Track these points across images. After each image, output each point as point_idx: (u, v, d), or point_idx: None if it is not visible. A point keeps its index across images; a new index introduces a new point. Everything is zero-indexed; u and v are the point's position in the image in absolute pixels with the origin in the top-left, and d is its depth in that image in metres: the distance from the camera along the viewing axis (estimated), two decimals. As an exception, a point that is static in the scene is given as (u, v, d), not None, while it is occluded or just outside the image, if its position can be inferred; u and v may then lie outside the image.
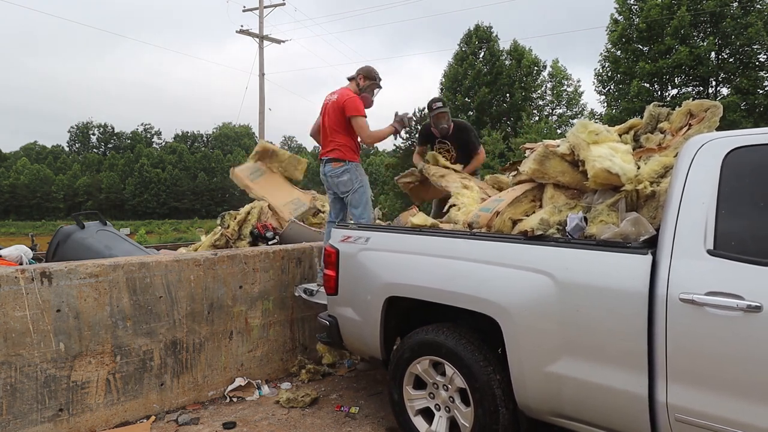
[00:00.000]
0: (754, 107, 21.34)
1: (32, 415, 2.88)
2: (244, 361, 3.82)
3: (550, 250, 2.35)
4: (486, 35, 32.53)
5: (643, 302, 2.03)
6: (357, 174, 4.18)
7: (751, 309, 1.82)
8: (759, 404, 1.81)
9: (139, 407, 3.29)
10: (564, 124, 31.17)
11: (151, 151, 74.30)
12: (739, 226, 1.99)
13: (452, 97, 31.09)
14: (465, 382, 2.58)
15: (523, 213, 2.92)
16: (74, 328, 3.03)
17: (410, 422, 2.86)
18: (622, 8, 23.98)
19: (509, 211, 2.92)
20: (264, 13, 23.30)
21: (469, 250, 2.65)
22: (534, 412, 2.43)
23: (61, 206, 64.86)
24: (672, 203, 2.12)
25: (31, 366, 2.88)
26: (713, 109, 2.72)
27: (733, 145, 2.06)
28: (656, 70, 22.39)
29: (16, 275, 2.86)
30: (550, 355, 2.28)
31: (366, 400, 3.65)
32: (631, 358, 2.07)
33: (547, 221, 2.49)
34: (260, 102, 23.21)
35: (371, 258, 3.08)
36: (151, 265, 3.36)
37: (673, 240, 2.05)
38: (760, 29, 20.27)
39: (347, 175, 4.15)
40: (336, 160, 4.18)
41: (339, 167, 4.16)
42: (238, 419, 3.33)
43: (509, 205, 2.93)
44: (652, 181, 2.46)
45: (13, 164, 69.20)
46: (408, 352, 2.84)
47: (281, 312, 4.06)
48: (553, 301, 2.26)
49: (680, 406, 1.97)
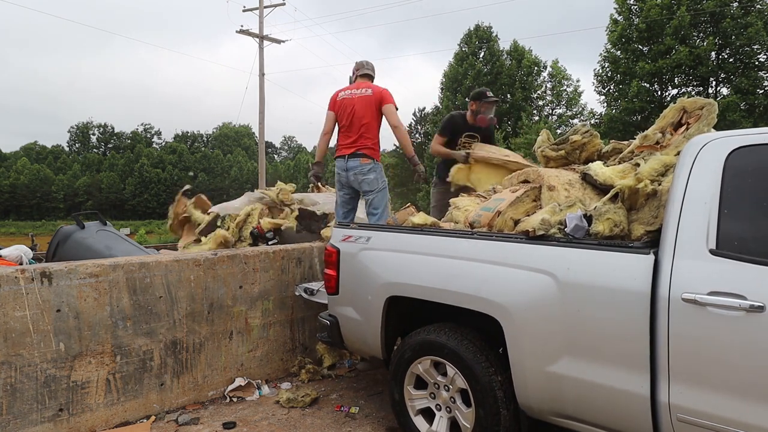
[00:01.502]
0: (754, 107, 21.36)
1: (32, 415, 2.88)
2: (244, 361, 3.82)
3: (551, 250, 2.35)
4: (486, 35, 32.56)
5: (645, 302, 2.02)
6: (382, 174, 4.18)
7: (753, 309, 1.82)
8: (761, 404, 1.81)
9: (139, 407, 3.28)
10: (564, 124, 31.18)
11: (151, 151, 74.23)
12: (742, 226, 1.98)
13: (452, 97, 31.14)
14: (466, 382, 2.57)
15: (525, 213, 2.92)
16: (74, 328, 3.03)
17: (411, 422, 2.86)
18: (622, 8, 23.99)
19: (510, 211, 2.91)
20: (264, 13, 23.30)
21: (470, 249, 2.65)
22: (535, 413, 2.43)
23: (61, 206, 64.83)
24: (674, 203, 2.12)
25: (31, 366, 2.87)
26: (708, 107, 2.72)
27: (735, 145, 2.06)
28: (656, 70, 22.42)
29: (16, 275, 2.85)
30: (551, 355, 2.27)
31: (366, 400, 3.64)
32: (633, 358, 2.06)
33: (548, 221, 2.48)
34: (260, 102, 23.21)
35: (372, 257, 3.08)
36: (151, 265, 3.36)
37: (676, 240, 2.04)
38: (760, 29, 20.29)
39: (373, 174, 4.11)
40: (365, 157, 4.11)
41: (367, 164, 4.11)
42: (238, 419, 3.32)
43: (510, 205, 2.93)
44: (653, 179, 2.45)
45: (13, 164, 69.14)
46: (409, 351, 2.84)
47: (281, 312, 4.06)
48: (555, 301, 2.25)
49: (682, 406, 1.96)
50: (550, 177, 2.98)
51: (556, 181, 2.92)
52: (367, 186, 4.13)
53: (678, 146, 2.60)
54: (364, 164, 4.10)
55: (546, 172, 3.09)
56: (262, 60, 23.31)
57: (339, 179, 4.30)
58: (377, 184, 4.11)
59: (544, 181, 2.99)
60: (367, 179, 4.11)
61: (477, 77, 31.01)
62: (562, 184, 2.90)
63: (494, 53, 32.18)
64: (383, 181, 4.17)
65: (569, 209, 2.56)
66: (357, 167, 4.12)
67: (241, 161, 73.55)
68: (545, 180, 2.99)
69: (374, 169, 4.13)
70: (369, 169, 4.11)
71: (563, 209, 2.57)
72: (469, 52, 32.47)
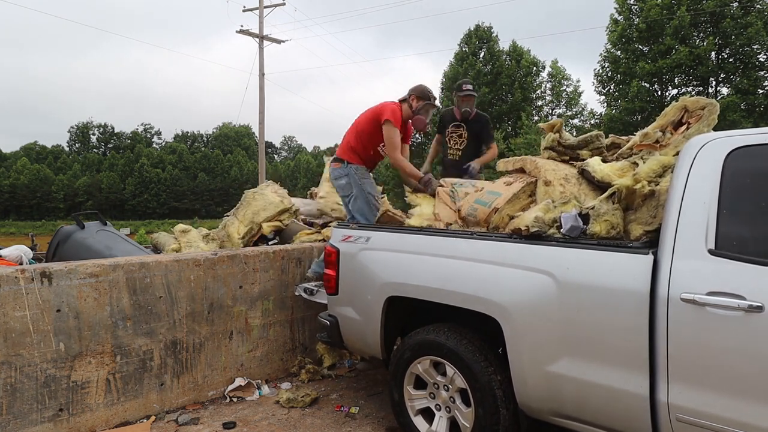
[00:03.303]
0: (754, 107, 21.36)
1: (32, 415, 2.88)
2: (244, 361, 3.82)
3: (551, 250, 2.35)
4: (486, 35, 32.57)
5: (644, 302, 2.03)
6: (355, 178, 3.92)
7: (752, 309, 1.82)
8: (760, 404, 1.81)
9: (139, 407, 3.28)
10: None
11: (151, 151, 74.27)
12: (741, 226, 1.99)
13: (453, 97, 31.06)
14: (466, 382, 2.57)
15: (521, 209, 2.91)
16: (74, 328, 3.03)
17: (411, 422, 2.86)
18: (622, 8, 23.99)
19: (507, 208, 2.91)
20: (264, 13, 23.30)
21: (469, 249, 2.65)
22: (535, 412, 2.43)
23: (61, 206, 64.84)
24: (673, 203, 2.12)
25: (31, 366, 2.88)
26: (710, 107, 2.71)
27: (734, 145, 2.06)
28: (656, 70, 22.42)
29: (16, 275, 2.85)
30: (551, 354, 2.28)
31: (366, 400, 3.64)
32: (632, 358, 2.06)
33: (542, 218, 2.48)
34: (260, 102, 23.21)
35: (372, 258, 3.08)
36: (151, 265, 3.36)
37: (675, 240, 2.05)
38: (760, 29, 20.29)
39: (345, 180, 3.97)
40: (337, 161, 4.01)
41: (338, 168, 4.00)
42: (238, 419, 3.33)
43: (507, 202, 2.93)
44: (651, 180, 2.45)
45: (13, 164, 69.16)
46: (409, 351, 2.84)
47: (281, 312, 4.06)
48: (554, 301, 2.25)
49: (681, 406, 1.97)
50: (547, 171, 2.93)
51: (552, 176, 2.89)
52: (340, 191, 4.01)
53: (677, 146, 2.60)
54: (335, 168, 3.98)
55: (543, 164, 3.02)
56: (262, 60, 23.32)
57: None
58: (350, 189, 3.92)
59: (540, 175, 2.95)
60: (338, 185, 3.99)
61: (477, 77, 30.99)
62: (558, 179, 2.86)
63: (494, 53, 32.18)
64: (358, 185, 3.91)
65: (564, 206, 2.55)
66: (332, 173, 4.02)
67: (241, 161, 73.57)
68: (542, 173, 2.94)
69: (345, 173, 3.94)
70: (339, 175, 3.96)
71: (557, 206, 2.57)
72: (470, 52, 32.48)
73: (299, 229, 5.01)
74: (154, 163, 70.66)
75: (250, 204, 5.04)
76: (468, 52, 32.52)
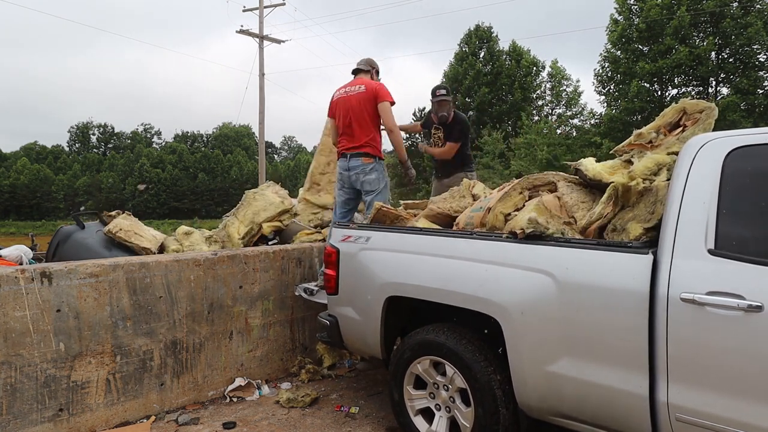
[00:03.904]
0: (753, 107, 21.36)
1: (32, 415, 2.88)
2: (244, 361, 3.82)
3: (550, 250, 2.35)
4: (486, 35, 32.59)
5: (644, 302, 2.03)
6: (384, 174, 4.10)
7: (752, 309, 1.82)
8: (760, 404, 1.81)
9: (139, 407, 3.28)
10: (563, 124, 31.19)
11: (151, 151, 74.21)
12: (740, 226, 1.99)
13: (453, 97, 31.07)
14: (465, 382, 2.57)
15: (514, 206, 2.90)
16: (74, 328, 3.03)
17: (410, 422, 2.86)
18: (622, 8, 23.99)
19: (500, 206, 2.91)
20: (264, 13, 23.31)
21: (469, 249, 2.65)
22: (535, 412, 2.43)
23: (61, 206, 64.81)
24: (673, 203, 2.12)
25: (31, 366, 2.88)
26: (708, 111, 2.71)
27: (733, 145, 2.06)
28: (656, 70, 22.42)
29: (16, 275, 2.86)
30: (550, 354, 2.28)
31: (366, 400, 3.64)
32: (631, 358, 2.06)
33: (535, 219, 2.48)
34: (260, 102, 23.21)
35: (372, 257, 3.08)
36: (151, 265, 3.36)
37: (674, 240, 2.05)
38: (760, 29, 20.30)
39: (375, 174, 4.04)
40: (368, 156, 4.05)
41: (370, 163, 4.04)
42: (238, 419, 3.33)
43: (499, 200, 2.93)
44: (645, 177, 2.46)
45: (13, 164, 69.07)
46: (408, 351, 2.84)
47: (281, 312, 4.06)
48: (554, 301, 2.26)
49: (681, 406, 1.97)
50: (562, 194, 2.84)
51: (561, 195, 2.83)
52: (368, 186, 4.06)
53: (669, 147, 2.59)
54: (366, 164, 4.04)
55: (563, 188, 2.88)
56: (262, 60, 23.33)
57: (340, 179, 4.27)
58: (378, 184, 4.04)
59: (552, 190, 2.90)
60: (368, 179, 4.05)
61: (477, 77, 31.02)
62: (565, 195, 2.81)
63: (494, 53, 32.20)
64: (385, 180, 4.10)
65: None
66: (359, 167, 4.06)
67: (241, 161, 73.49)
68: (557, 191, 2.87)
69: (376, 168, 4.06)
70: (371, 169, 4.04)
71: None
72: (470, 52, 32.50)
73: (299, 229, 5.02)
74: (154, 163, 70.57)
75: (251, 204, 5.05)
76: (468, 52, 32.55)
